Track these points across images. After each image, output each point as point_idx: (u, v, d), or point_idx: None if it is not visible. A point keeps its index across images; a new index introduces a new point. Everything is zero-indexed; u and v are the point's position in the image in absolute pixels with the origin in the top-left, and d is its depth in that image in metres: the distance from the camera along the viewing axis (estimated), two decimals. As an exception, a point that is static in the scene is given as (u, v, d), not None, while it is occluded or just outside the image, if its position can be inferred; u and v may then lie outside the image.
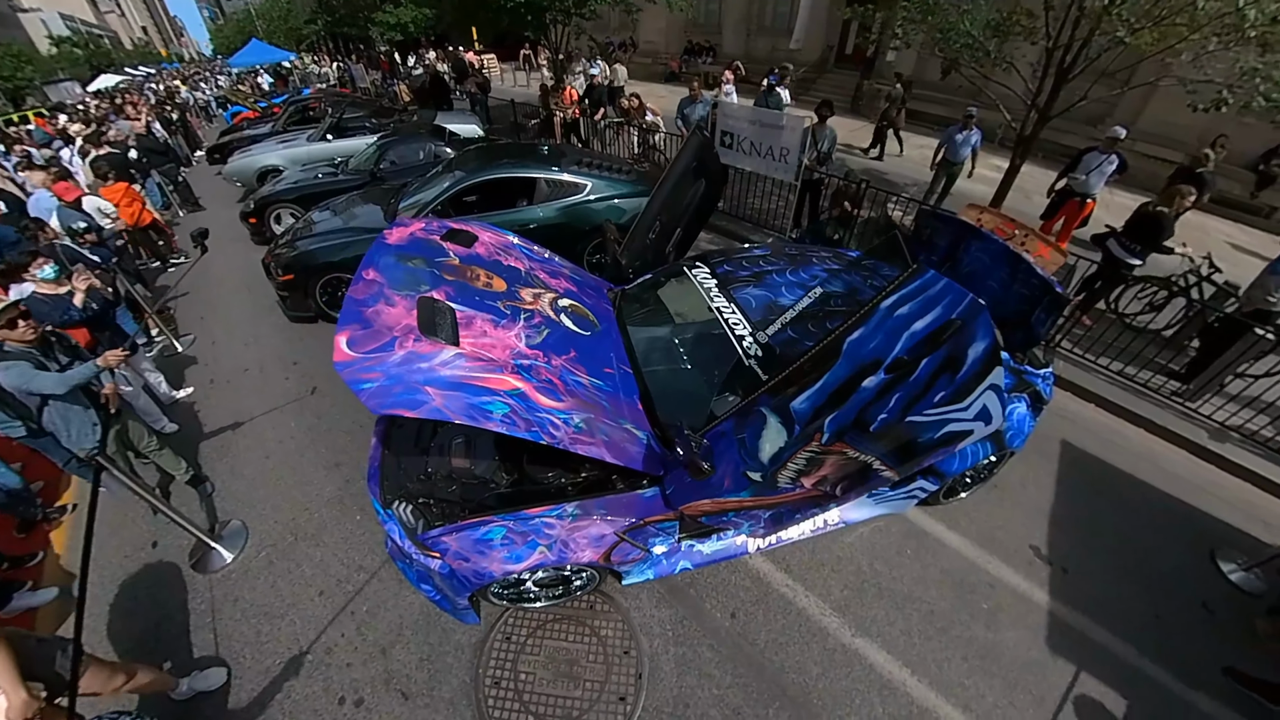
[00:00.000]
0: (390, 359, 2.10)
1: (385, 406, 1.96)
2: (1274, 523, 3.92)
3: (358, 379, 1.99)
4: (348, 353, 2.06)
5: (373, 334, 2.17)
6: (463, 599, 2.71)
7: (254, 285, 6.34)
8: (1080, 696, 2.78)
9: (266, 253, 5.39)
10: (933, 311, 1.78)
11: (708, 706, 2.64)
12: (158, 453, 3.50)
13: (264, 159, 8.03)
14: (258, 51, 17.29)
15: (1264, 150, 7.94)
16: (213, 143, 10.83)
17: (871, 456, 2.12)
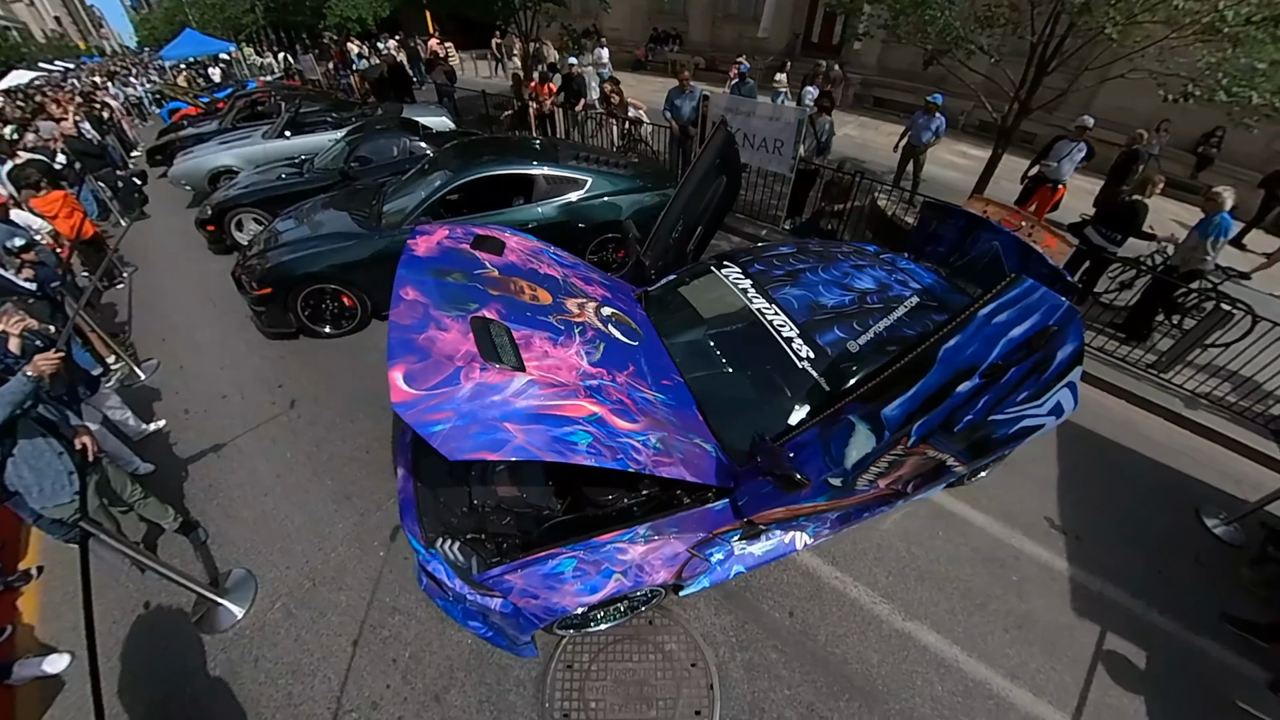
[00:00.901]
0: (458, 394, 1.82)
1: (465, 452, 1.69)
2: (1244, 480, 4.26)
3: (425, 421, 1.70)
4: (408, 390, 1.76)
5: (433, 366, 1.87)
6: (526, 636, 2.45)
7: (220, 299, 5.68)
8: (1108, 653, 2.94)
9: (236, 265, 4.77)
10: (1030, 319, 1.75)
11: (782, 708, 2.57)
12: (143, 502, 3.00)
13: (215, 159, 7.15)
14: (192, 42, 15.41)
15: (1201, 135, 8.42)
16: (151, 143, 9.65)
17: (949, 454, 2.20)
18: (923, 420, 1.93)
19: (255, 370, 4.68)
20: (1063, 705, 2.70)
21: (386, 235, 4.53)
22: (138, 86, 15.18)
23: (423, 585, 2.75)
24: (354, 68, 13.23)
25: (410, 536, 2.47)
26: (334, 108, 8.41)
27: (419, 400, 1.77)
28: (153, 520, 3.13)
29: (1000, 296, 1.77)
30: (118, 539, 2.59)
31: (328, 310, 4.78)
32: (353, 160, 6.14)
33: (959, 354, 1.83)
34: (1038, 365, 1.86)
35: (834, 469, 2.15)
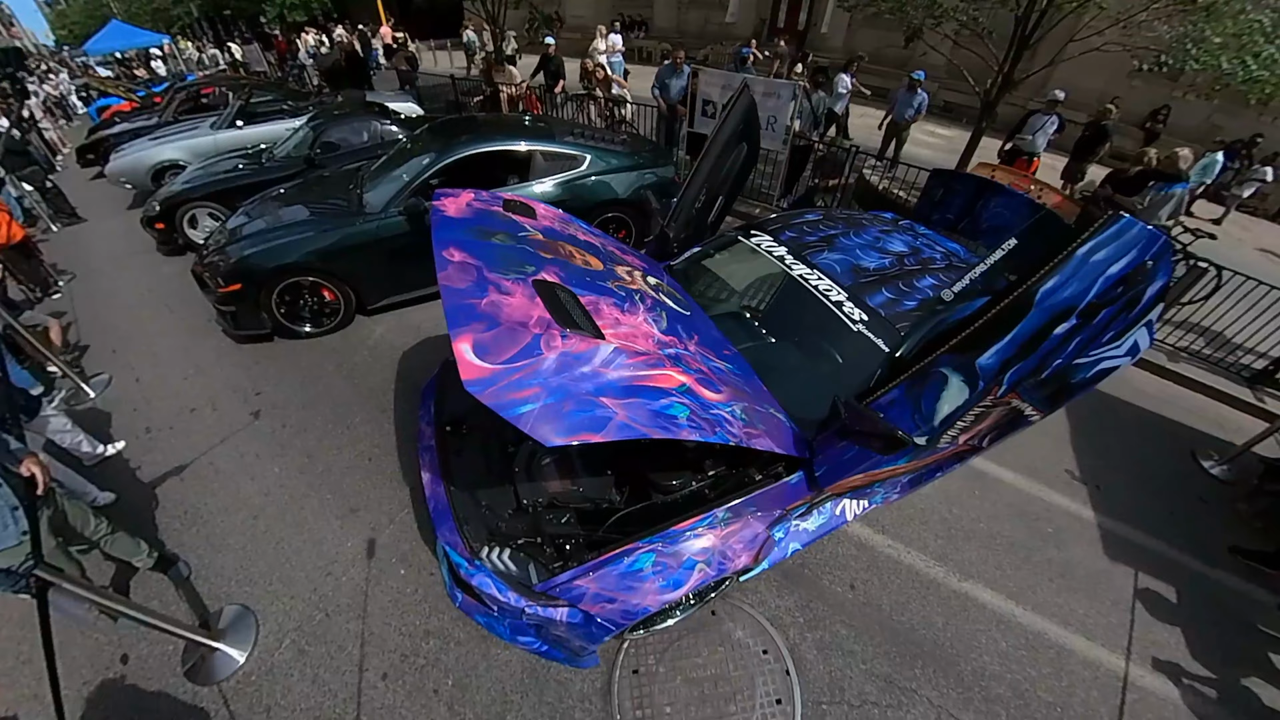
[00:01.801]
0: (543, 366, 1.49)
1: (564, 433, 1.41)
2: (1226, 423, 4.51)
3: (509, 402, 1.39)
4: (481, 365, 1.41)
5: (506, 334, 1.52)
6: (595, 645, 2.12)
7: (176, 303, 4.95)
8: (1143, 591, 3.03)
9: (196, 262, 4.11)
10: (1127, 255, 1.66)
11: (861, 683, 2.44)
12: (110, 538, 2.44)
13: (158, 153, 6.23)
14: (120, 35, 13.61)
15: (1149, 111, 8.70)
16: (81, 141, 8.45)
17: (1032, 403, 2.10)
18: (1016, 367, 1.82)
19: (227, 379, 4.05)
20: (1114, 646, 2.74)
21: (373, 219, 3.98)
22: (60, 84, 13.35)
23: (458, 603, 2.36)
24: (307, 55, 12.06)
25: (449, 549, 2.08)
26: (288, 96, 7.54)
27: (496, 376, 1.41)
28: (122, 558, 2.57)
29: (1099, 234, 1.66)
30: (82, 584, 2.05)
31: (306, 306, 4.18)
32: (318, 147, 5.46)
33: (1057, 295, 1.72)
34: (1128, 303, 1.77)
35: (922, 426, 1.96)
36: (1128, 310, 1.82)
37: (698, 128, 6.08)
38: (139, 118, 8.25)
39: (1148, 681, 2.63)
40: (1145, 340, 2.12)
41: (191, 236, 5.39)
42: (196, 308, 4.71)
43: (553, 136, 4.58)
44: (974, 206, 3.80)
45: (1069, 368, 2.01)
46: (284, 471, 3.30)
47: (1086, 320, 1.77)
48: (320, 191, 4.48)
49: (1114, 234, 1.64)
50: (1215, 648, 2.81)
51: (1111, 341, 1.99)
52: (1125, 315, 1.83)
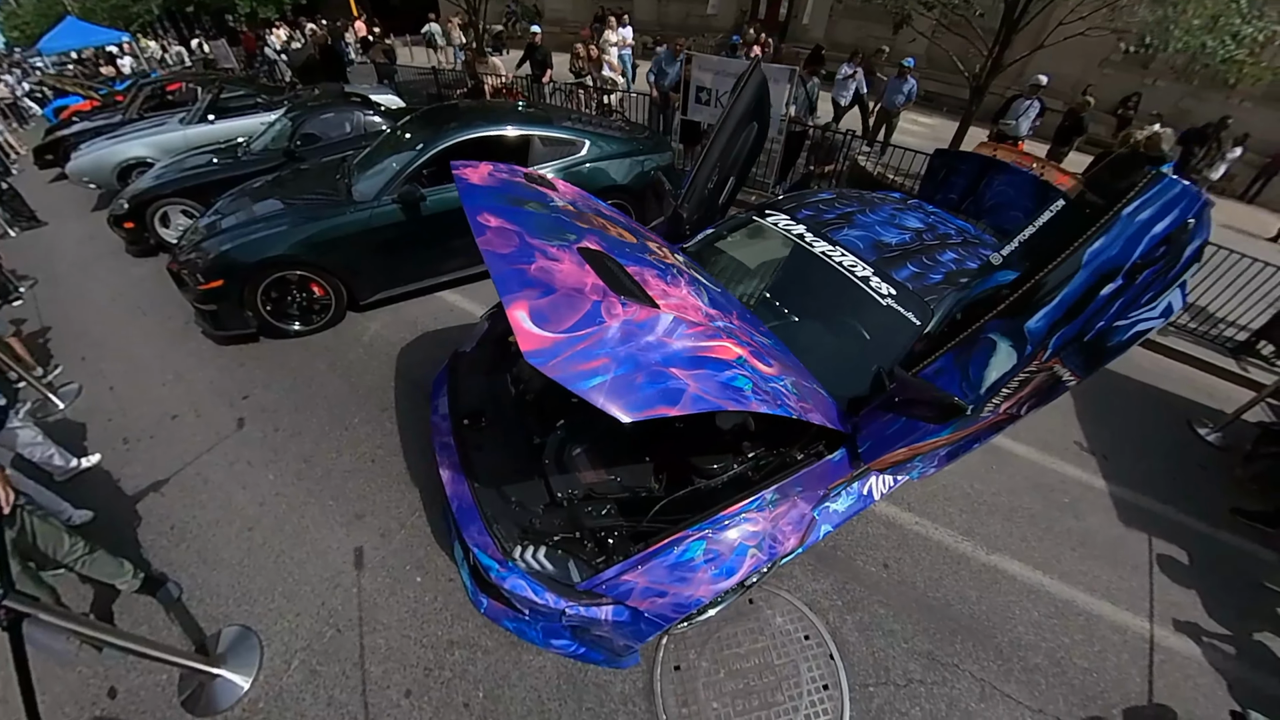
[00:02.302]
0: (607, 335, 1.37)
1: (640, 407, 1.26)
2: (1214, 393, 4.59)
3: (577, 374, 1.24)
4: (542, 334, 1.25)
5: (564, 301, 1.37)
6: (640, 643, 1.96)
7: (150, 306, 4.55)
8: (1160, 556, 3.06)
9: (171, 260, 3.75)
10: (1171, 214, 1.62)
11: (905, 661, 2.38)
12: (88, 559, 2.15)
13: (124, 150, 5.74)
14: (76, 33, 12.61)
15: (1120, 98, 8.85)
16: (39, 141, 7.79)
17: (1070, 368, 2.05)
18: (1063, 330, 1.77)
19: (210, 382, 3.72)
20: (1137, 610, 2.77)
21: (364, 207, 3.68)
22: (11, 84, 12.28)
23: (483, 609, 2.16)
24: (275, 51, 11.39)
25: (477, 551, 1.87)
26: (260, 91, 7.08)
27: (559, 346, 1.26)
28: (103, 580, 2.28)
29: (1144, 193, 1.62)
30: (60, 613, 1.78)
31: (294, 302, 3.86)
32: (298, 139, 5.09)
33: (1104, 256, 1.68)
34: (1168, 263, 1.73)
35: (970, 394, 1.89)
36: (1167, 270, 1.77)
37: (691, 114, 5.89)
38: (100, 116, 7.66)
39: (1172, 642, 2.66)
40: (1179, 302, 2.11)
41: (164, 235, 4.97)
42: (173, 309, 4.34)
43: (550, 121, 4.34)
44: (978, 185, 3.76)
45: (1109, 330, 1.97)
46: (279, 478, 3.01)
47: (1130, 280, 1.73)
48: (304, 183, 4.15)
49: (1158, 193, 1.61)
50: (1228, 606, 2.86)
51: (1149, 303, 1.95)
52: (1164, 276, 1.79)
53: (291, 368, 3.80)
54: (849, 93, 6.81)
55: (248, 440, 3.26)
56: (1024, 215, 3.54)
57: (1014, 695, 2.32)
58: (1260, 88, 8.15)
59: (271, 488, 2.96)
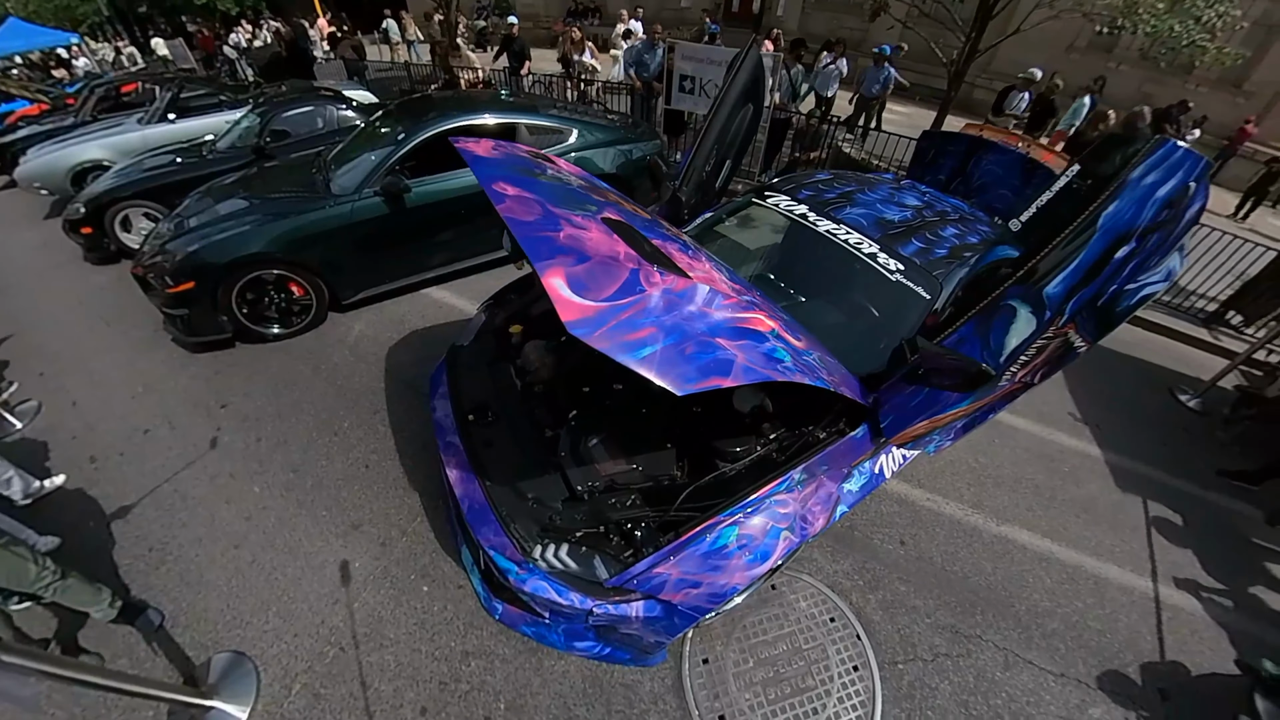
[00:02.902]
0: (650, 304, 1.26)
1: (694, 378, 1.17)
2: (1190, 361, 4.75)
3: (626, 344, 1.14)
4: (582, 302, 1.16)
5: (600, 269, 1.24)
6: (671, 638, 1.85)
7: (113, 315, 4.18)
8: (1155, 518, 3.12)
9: (136, 263, 3.42)
10: (1175, 177, 1.65)
11: (929, 636, 2.36)
12: (60, 585, 1.89)
13: (79, 153, 5.24)
14: (19, 34, 11.56)
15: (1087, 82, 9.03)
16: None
17: (1083, 334, 2.05)
18: (1079, 295, 1.77)
19: (184, 392, 3.41)
20: (1141, 570, 2.82)
21: (345, 201, 3.41)
22: None
23: (498, 615, 2.00)
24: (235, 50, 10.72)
25: (494, 554, 1.71)
26: (223, 89, 6.62)
27: (603, 315, 1.15)
28: (76, 609, 2.02)
29: (1149, 157, 1.64)
30: (20, 650, 1.54)
31: (273, 304, 3.56)
32: (267, 135, 4.74)
33: (1118, 219, 1.68)
34: (1171, 225, 1.76)
35: (992, 362, 1.85)
36: (1170, 233, 1.79)
37: (676, 104, 5.73)
38: (50, 120, 7.05)
39: (1175, 600, 2.71)
40: (1178, 265, 2.12)
41: (125, 240, 4.58)
42: (139, 317, 3.99)
43: (536, 110, 4.12)
44: (966, 165, 3.76)
45: (1119, 294, 1.96)
46: (266, 490, 2.77)
47: (1142, 244, 1.73)
48: (277, 179, 3.84)
49: (1161, 157, 1.63)
50: (1222, 562, 2.92)
51: (1155, 266, 1.95)
52: (1168, 239, 1.80)
53: (272, 373, 3.52)
54: (835, 83, 6.74)
55: (229, 452, 3.00)
56: (1012, 193, 3.56)
57: (1036, 661, 2.32)
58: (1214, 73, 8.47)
59: (258, 501, 2.71)
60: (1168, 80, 9.99)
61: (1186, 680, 2.38)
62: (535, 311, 2.67)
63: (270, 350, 3.69)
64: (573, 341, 2.50)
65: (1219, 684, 2.38)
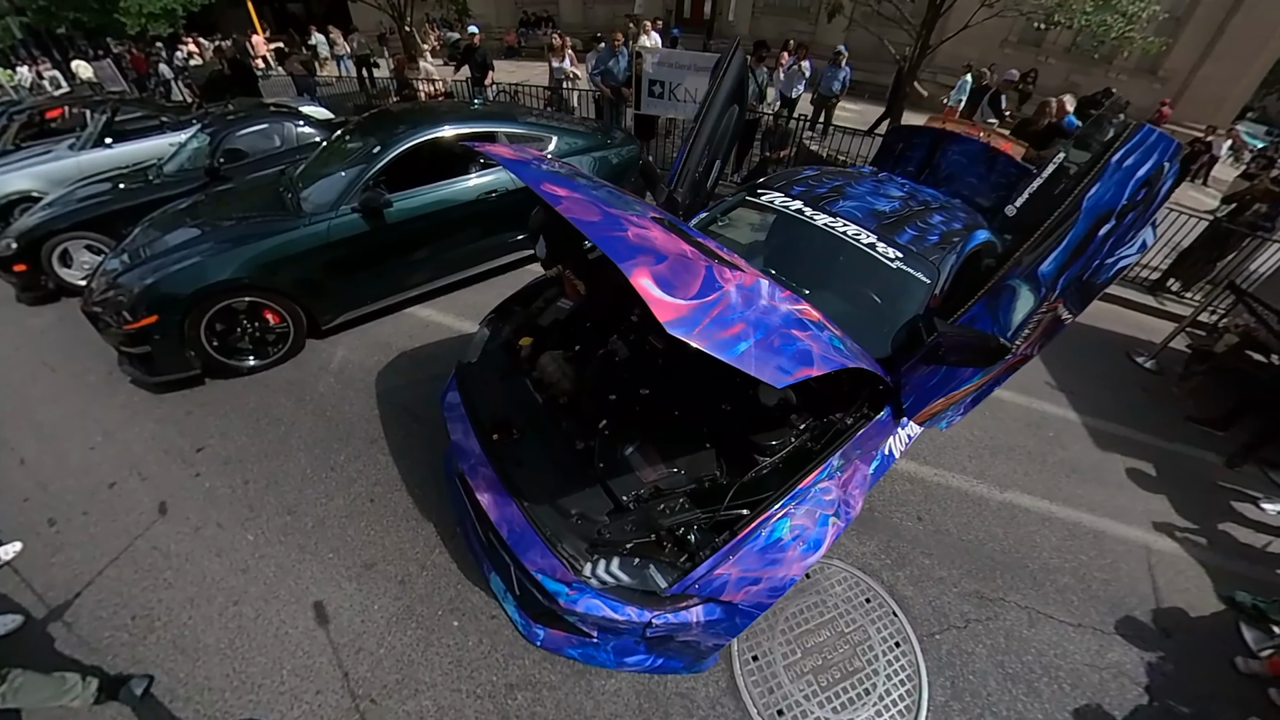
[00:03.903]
0: (732, 300, 1.23)
1: (788, 370, 1.17)
2: (1141, 326, 5.07)
3: (720, 340, 1.11)
4: (676, 302, 1.10)
5: (681, 267, 1.19)
6: (729, 640, 1.81)
7: (59, 359, 3.70)
8: (1131, 470, 3.32)
9: (84, 300, 3.03)
10: (1151, 158, 1.71)
11: (959, 604, 2.41)
12: (9, 691, 1.61)
13: (3, 184, 4.64)
14: None
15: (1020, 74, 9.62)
16: None
17: (1069, 308, 2.12)
18: (1068, 272, 1.86)
19: (152, 438, 3.05)
20: (1131, 520, 2.98)
21: (320, 219, 3.14)
22: None
23: (539, 641, 1.87)
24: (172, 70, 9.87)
25: (542, 577, 1.60)
26: (163, 110, 6.06)
27: (697, 314, 1.11)
28: (40, 705, 1.73)
29: (1128, 141, 1.71)
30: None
31: (245, 333, 3.24)
32: (220, 156, 4.35)
33: (1099, 200, 1.75)
34: (1147, 203, 1.81)
35: (1005, 336, 1.93)
36: (1145, 210, 1.85)
37: (646, 109, 5.66)
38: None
39: (1161, 544, 2.88)
40: (1150, 237, 2.22)
41: (66, 277, 4.08)
42: (90, 359, 3.56)
43: (515, 118, 3.95)
44: (932, 157, 3.87)
45: (1099, 268, 2.05)
46: (262, 537, 2.49)
47: (1120, 221, 1.80)
48: (239, 201, 3.51)
49: (1139, 140, 1.70)
50: (1194, 505, 3.13)
51: (1130, 242, 2.03)
52: (1143, 215, 1.86)
53: (251, 409, 3.21)
54: (800, 84, 6.85)
55: (213, 498, 2.69)
56: (978, 181, 3.71)
57: (1055, 615, 2.42)
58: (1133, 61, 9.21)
59: (253, 550, 2.44)
60: (1092, 70, 10.86)
61: (1183, 618, 2.52)
62: (544, 322, 2.53)
63: (246, 384, 3.37)
64: (591, 349, 2.38)
65: (1211, 618, 2.54)
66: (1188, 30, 10.59)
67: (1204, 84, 10.84)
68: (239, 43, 9.72)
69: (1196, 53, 10.73)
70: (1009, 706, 2.08)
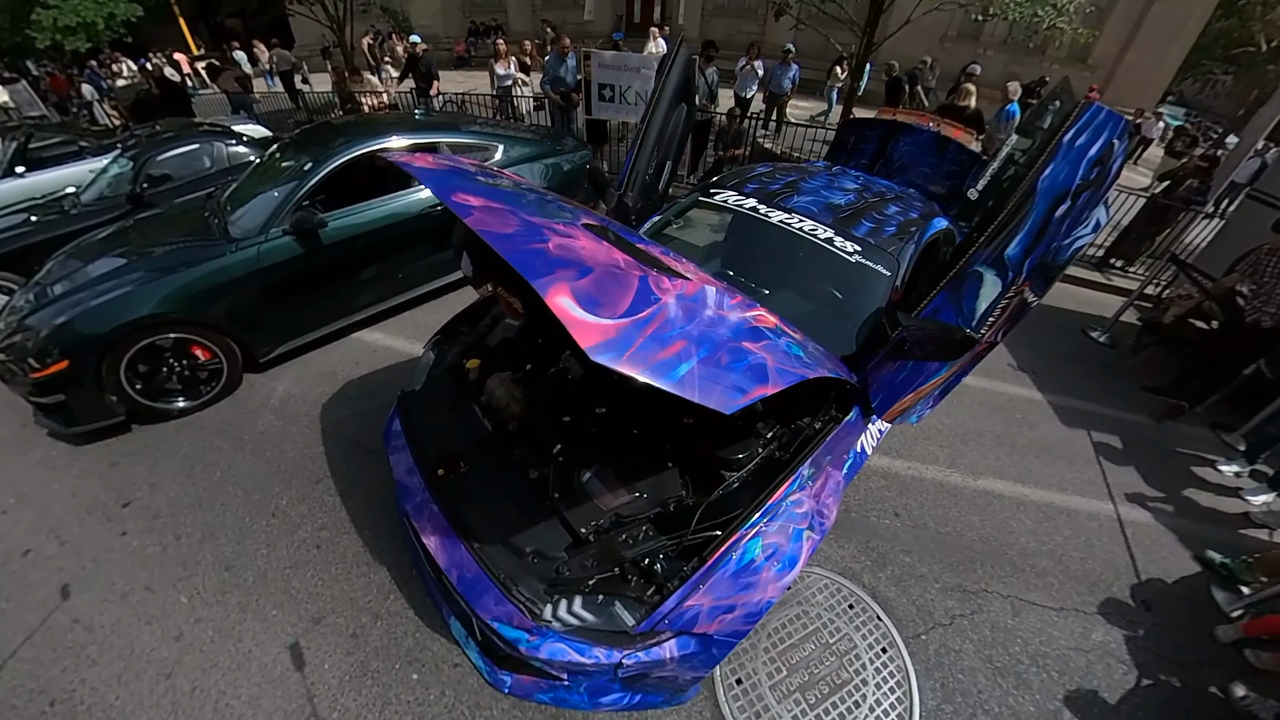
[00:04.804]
0: (670, 315, 1.10)
1: (740, 393, 1.05)
2: (1092, 302, 5.26)
3: (657, 364, 0.98)
4: (600, 322, 0.97)
5: (609, 279, 1.06)
6: (708, 671, 1.67)
7: (-39, 417, 3.36)
8: (1099, 444, 3.40)
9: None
10: (1101, 137, 1.71)
11: (942, 600, 2.37)
12: None
13: None
14: None
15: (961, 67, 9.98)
16: None
17: (1034, 290, 2.11)
18: (1033, 254, 1.83)
19: (72, 496, 2.75)
20: (1101, 495, 3.03)
21: (249, 244, 2.91)
22: None
23: (507, 688, 1.73)
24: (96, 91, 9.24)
25: (498, 625, 1.45)
26: (83, 134, 5.64)
27: (626, 334, 0.98)
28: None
29: (1077, 121, 1.71)
30: None
31: (173, 373, 2.96)
32: (144, 181, 4.03)
33: (1054, 181, 1.75)
34: (1098, 182, 1.81)
35: (969, 326, 1.90)
36: (1098, 188, 1.85)
37: (597, 114, 5.56)
38: None
39: (1133, 515, 2.94)
40: (1104, 216, 2.25)
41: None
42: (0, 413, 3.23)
43: (457, 128, 3.79)
44: (885, 148, 3.92)
45: (1059, 249, 2.04)
46: (197, 598, 2.26)
47: (1074, 202, 1.80)
48: (161, 229, 3.23)
49: (1088, 120, 1.70)
50: (1157, 474, 3.23)
51: (1085, 221, 2.03)
52: (1095, 194, 1.86)
53: (183, 456, 2.94)
54: (753, 84, 6.90)
55: (141, 559, 2.43)
56: (930, 170, 3.75)
57: (1038, 601, 2.42)
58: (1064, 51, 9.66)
59: (188, 613, 2.20)
60: (1028, 61, 11.50)
61: (1162, 588, 2.56)
62: (492, 341, 2.38)
63: (177, 429, 3.09)
64: (541, 369, 2.25)
65: (1187, 585, 2.58)
66: (1112, 20, 11.31)
67: (1130, 70, 11.52)
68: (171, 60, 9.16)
69: (1121, 41, 11.45)
70: (1000, 702, 2.03)
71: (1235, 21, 15.77)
